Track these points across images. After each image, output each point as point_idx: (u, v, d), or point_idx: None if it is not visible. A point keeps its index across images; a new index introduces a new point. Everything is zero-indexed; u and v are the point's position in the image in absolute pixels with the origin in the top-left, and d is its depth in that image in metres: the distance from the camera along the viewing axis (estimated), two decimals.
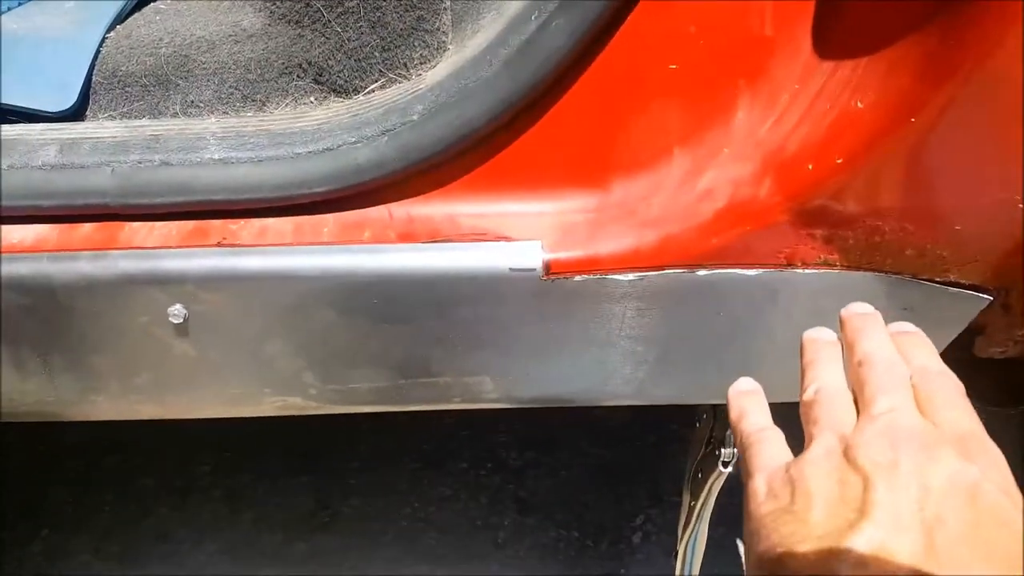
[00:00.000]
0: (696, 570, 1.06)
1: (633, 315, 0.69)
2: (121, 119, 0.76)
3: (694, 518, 1.00)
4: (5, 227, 0.68)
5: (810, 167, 0.62)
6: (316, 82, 0.75)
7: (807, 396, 0.55)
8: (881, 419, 0.49)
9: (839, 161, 0.60)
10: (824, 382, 0.56)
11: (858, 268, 0.68)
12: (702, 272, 0.66)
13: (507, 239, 0.68)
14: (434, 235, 0.68)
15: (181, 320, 0.67)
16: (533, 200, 0.69)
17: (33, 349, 0.71)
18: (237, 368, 0.72)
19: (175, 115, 0.76)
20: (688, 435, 1.47)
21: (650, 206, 0.66)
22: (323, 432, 1.53)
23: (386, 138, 0.66)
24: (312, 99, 0.76)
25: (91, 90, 0.76)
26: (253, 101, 0.76)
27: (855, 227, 0.65)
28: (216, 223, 0.69)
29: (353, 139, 0.67)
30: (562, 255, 0.67)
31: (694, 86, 0.65)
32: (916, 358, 0.56)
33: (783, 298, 0.69)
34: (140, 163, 0.67)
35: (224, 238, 0.68)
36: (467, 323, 0.70)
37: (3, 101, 0.75)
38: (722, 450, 0.90)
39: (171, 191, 0.66)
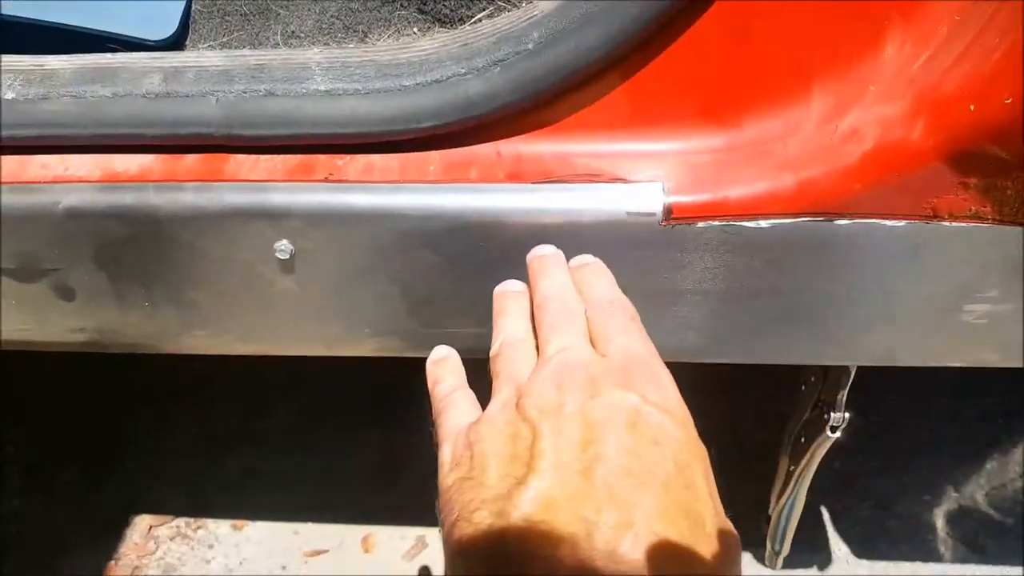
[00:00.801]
0: (789, 537, 1.02)
1: (760, 267, 0.64)
2: (221, 49, 0.74)
3: (792, 482, 0.96)
4: (109, 155, 0.67)
5: (972, 107, 0.55)
6: (420, 11, 0.71)
7: (492, 351, 0.54)
8: (552, 361, 0.48)
9: (1008, 101, 0.54)
10: (506, 333, 0.55)
11: (1012, 222, 0.62)
12: (842, 222, 0.60)
13: (624, 180, 0.63)
14: (545, 175, 0.64)
15: (287, 256, 0.65)
16: (654, 139, 0.64)
17: (135, 281, 0.70)
18: (338, 307, 0.70)
19: (275, 46, 0.74)
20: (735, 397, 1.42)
21: (786, 147, 0.61)
22: (395, 387, 1.53)
23: (498, 69, 0.62)
24: (415, 29, 0.72)
25: (190, 19, 0.75)
26: (355, 31, 0.73)
27: (1017, 176, 0.58)
28: (322, 158, 0.66)
29: (463, 70, 0.63)
30: (685, 198, 0.62)
31: (837, 17, 0.59)
32: (592, 290, 0.56)
33: (925, 254, 0.63)
34: (245, 93, 0.64)
35: (331, 174, 0.65)
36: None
37: (104, 29, 0.73)
38: (831, 414, 0.85)
39: (276, 123, 0.64)
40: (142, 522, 1.29)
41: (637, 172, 0.64)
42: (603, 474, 0.41)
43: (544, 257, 0.60)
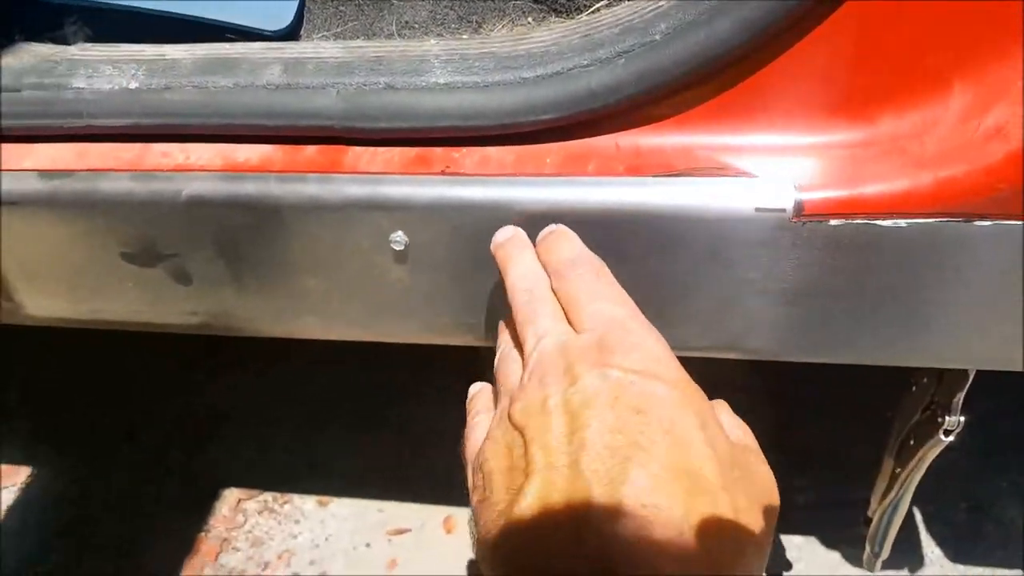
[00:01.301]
0: (890, 541, 0.99)
1: (888, 266, 0.61)
2: (336, 39, 0.75)
3: (898, 485, 0.93)
4: (231, 145, 0.69)
5: None
6: (535, 1, 0.70)
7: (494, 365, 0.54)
8: (531, 358, 0.47)
9: None
10: (502, 343, 0.55)
11: None
12: (984, 223, 0.58)
13: (751, 175, 0.62)
14: (666, 168, 0.63)
15: (402, 247, 0.66)
16: (783, 132, 0.62)
17: (251, 267, 0.71)
18: (449, 297, 0.70)
19: (389, 36, 0.74)
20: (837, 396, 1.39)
21: (924, 144, 0.58)
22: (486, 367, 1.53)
23: (623, 60, 0.61)
24: (530, 19, 0.72)
25: (305, 10, 0.75)
26: (468, 22, 0.72)
27: None
28: (438, 150, 0.66)
29: (586, 62, 0.62)
30: (818, 195, 0.60)
31: (979, 10, 0.56)
32: (552, 257, 0.55)
33: None
34: (365, 85, 0.65)
35: (447, 166, 0.65)
36: (695, 266, 0.64)
37: (223, 21, 0.75)
38: (946, 418, 0.82)
39: (396, 116, 0.64)
40: (231, 495, 1.33)
41: (765, 167, 0.62)
42: (588, 461, 0.40)
43: (503, 245, 0.59)
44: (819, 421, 1.42)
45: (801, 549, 1.25)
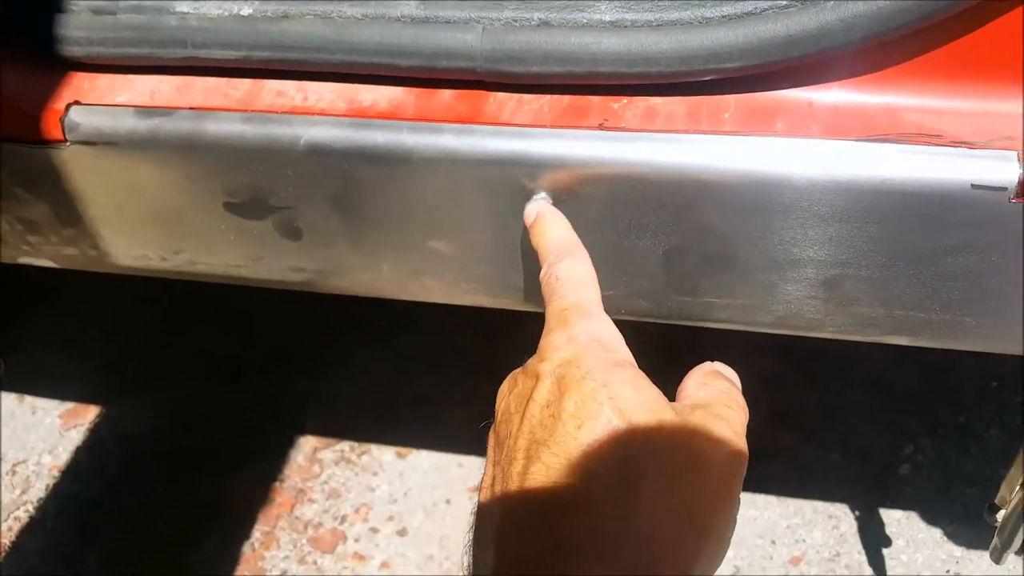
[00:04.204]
0: (1019, 537, 0.91)
1: None
2: None
3: None
4: (355, 86, 0.60)
5: None
6: None
7: None
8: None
9: None
10: None
11: None
12: None
13: (969, 145, 0.53)
14: (869, 132, 0.54)
15: None
16: (1008, 97, 0.53)
17: (372, 225, 0.64)
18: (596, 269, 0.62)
19: None
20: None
21: None
22: None
23: (832, 3, 0.51)
24: None
25: None
26: None
27: None
28: (595, 100, 0.57)
29: (784, 1, 0.52)
30: None
31: None
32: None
33: None
34: (516, 22, 0.56)
35: (606, 119, 0.56)
36: (887, 247, 0.56)
37: None
38: None
39: (551, 59, 0.55)
40: (307, 443, 1.29)
41: (984, 135, 0.53)
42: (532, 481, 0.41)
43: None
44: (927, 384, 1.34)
45: (901, 525, 1.19)
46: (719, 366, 0.50)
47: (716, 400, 0.45)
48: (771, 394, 1.34)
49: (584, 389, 0.43)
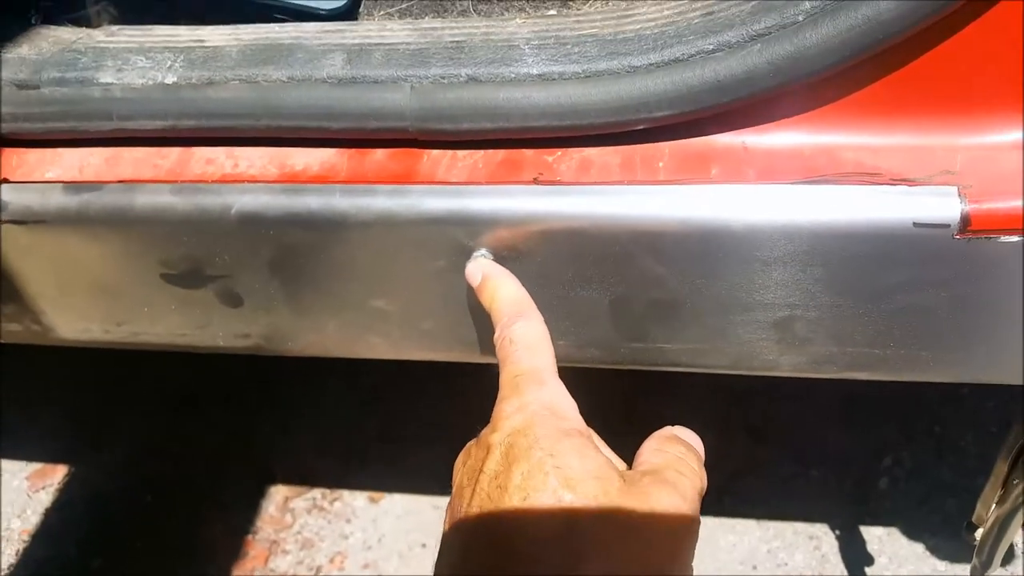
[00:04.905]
0: (1000, 553, 0.91)
1: None
2: (401, 17, 0.64)
3: (1013, 496, 0.84)
4: (285, 149, 0.59)
5: None
6: None
7: None
8: None
9: None
10: None
11: None
12: None
13: (909, 182, 0.52)
14: (806, 173, 0.53)
15: None
16: (945, 131, 0.52)
17: (311, 288, 0.63)
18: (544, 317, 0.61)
19: (463, 12, 0.64)
20: None
21: None
22: None
23: (758, 46, 0.50)
24: None
25: None
26: None
27: None
28: (529, 153, 0.56)
29: (711, 47, 0.52)
30: (988, 206, 0.50)
31: None
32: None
33: None
34: (443, 79, 0.55)
35: (540, 173, 0.55)
36: (833, 287, 0.55)
37: None
38: None
39: (481, 115, 0.54)
40: (278, 493, 1.27)
41: (924, 172, 0.52)
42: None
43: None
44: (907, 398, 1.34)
45: (883, 542, 1.18)
46: (679, 430, 0.49)
47: (668, 466, 0.44)
48: (745, 410, 1.33)
49: (531, 459, 0.42)
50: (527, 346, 0.50)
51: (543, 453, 0.42)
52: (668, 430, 0.48)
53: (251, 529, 1.22)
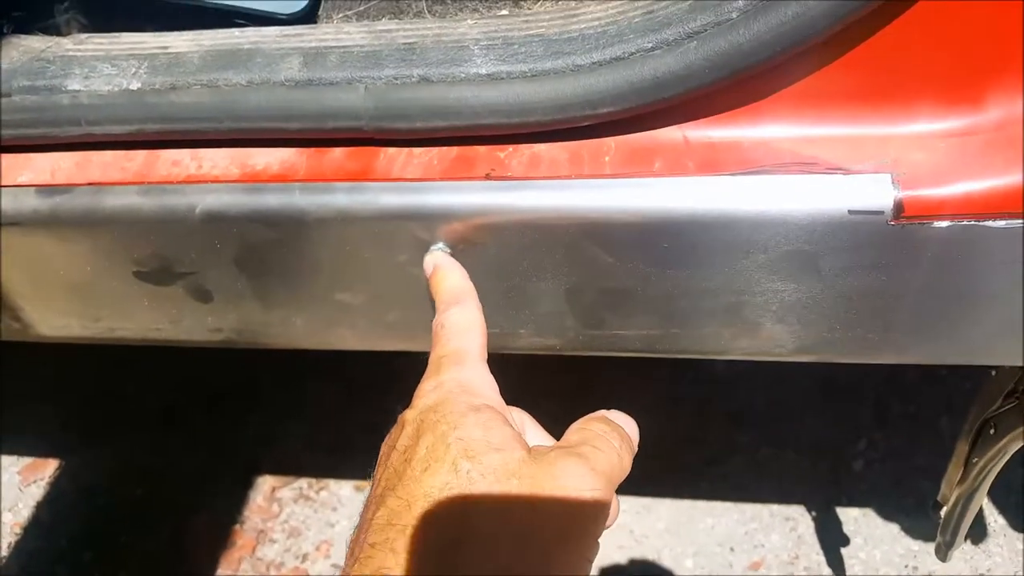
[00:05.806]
0: (963, 531, 0.93)
1: (994, 268, 0.54)
2: (359, 20, 0.66)
3: (973, 474, 0.87)
4: (247, 150, 0.61)
5: None
6: None
7: None
8: None
9: None
10: None
11: None
12: None
13: (844, 170, 0.54)
14: (744, 165, 0.55)
15: None
16: (878, 121, 0.55)
17: (277, 282, 0.65)
18: (496, 308, 0.63)
19: (419, 13, 0.66)
20: None
21: None
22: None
23: (695, 43, 0.52)
24: None
25: None
26: None
27: None
28: (481, 150, 0.58)
29: (649, 45, 0.54)
30: (921, 193, 0.52)
31: None
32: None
33: None
34: (396, 79, 0.57)
35: (493, 169, 0.58)
36: (776, 274, 0.57)
37: (231, 3, 0.66)
38: None
39: (434, 114, 0.56)
40: (264, 483, 1.29)
41: (858, 161, 0.54)
42: None
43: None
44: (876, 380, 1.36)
45: (858, 523, 1.21)
46: (613, 413, 0.51)
47: (585, 441, 0.46)
48: (723, 395, 1.36)
49: (436, 432, 0.43)
50: (457, 331, 0.52)
51: (447, 427, 0.43)
52: (601, 412, 0.50)
53: (239, 519, 1.25)
